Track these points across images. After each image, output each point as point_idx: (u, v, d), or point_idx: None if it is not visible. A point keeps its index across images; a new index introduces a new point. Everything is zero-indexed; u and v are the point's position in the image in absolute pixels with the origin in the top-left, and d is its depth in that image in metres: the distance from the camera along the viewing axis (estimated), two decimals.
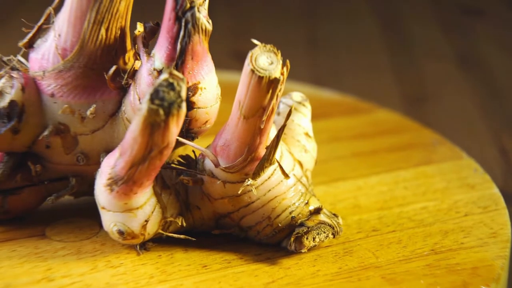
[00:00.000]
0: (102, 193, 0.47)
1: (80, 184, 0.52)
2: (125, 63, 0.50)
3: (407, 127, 0.71)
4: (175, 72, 0.42)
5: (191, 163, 0.50)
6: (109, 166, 0.46)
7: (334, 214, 0.51)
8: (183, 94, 0.42)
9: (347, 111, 0.74)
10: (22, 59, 0.52)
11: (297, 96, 0.54)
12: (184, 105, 0.42)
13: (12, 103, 0.49)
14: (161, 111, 0.42)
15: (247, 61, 0.44)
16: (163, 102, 0.42)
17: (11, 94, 0.49)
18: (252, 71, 0.44)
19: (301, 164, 0.51)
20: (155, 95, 0.42)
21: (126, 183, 0.46)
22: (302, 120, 0.53)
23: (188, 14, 0.46)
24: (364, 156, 0.65)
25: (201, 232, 0.51)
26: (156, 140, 0.43)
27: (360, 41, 1.45)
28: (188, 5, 0.46)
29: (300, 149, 0.52)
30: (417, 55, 1.39)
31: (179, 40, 0.46)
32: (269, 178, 0.49)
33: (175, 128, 0.43)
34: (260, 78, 0.44)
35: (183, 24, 0.46)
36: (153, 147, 0.43)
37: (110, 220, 0.48)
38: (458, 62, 1.37)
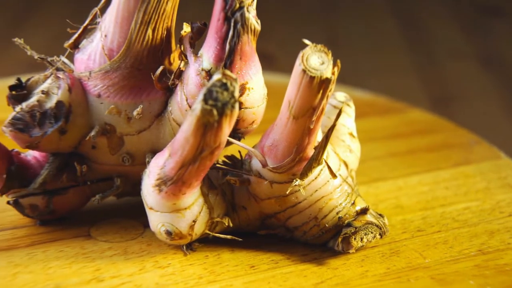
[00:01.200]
0: (150, 194, 0.47)
1: (125, 185, 0.52)
2: (170, 64, 0.50)
3: (441, 127, 0.71)
4: (228, 72, 0.42)
5: (237, 164, 0.50)
6: (158, 166, 0.46)
7: (380, 215, 0.50)
8: (237, 94, 0.42)
9: (380, 111, 0.74)
10: (66, 60, 0.52)
11: (341, 96, 0.54)
12: (237, 105, 0.42)
13: (59, 103, 0.49)
14: (215, 112, 0.41)
15: (298, 61, 0.44)
16: (217, 103, 0.41)
17: (58, 94, 0.49)
18: (304, 71, 0.43)
19: (346, 164, 0.51)
20: (208, 95, 0.42)
21: (175, 184, 0.46)
22: (347, 120, 0.53)
23: (238, 14, 0.46)
24: (401, 156, 0.65)
25: (247, 232, 0.51)
26: (208, 140, 0.43)
27: (380, 41, 1.44)
28: (238, 5, 0.46)
29: (345, 149, 0.52)
30: (439, 55, 1.39)
31: (228, 40, 0.46)
32: (316, 178, 0.48)
33: (227, 129, 0.43)
34: (312, 78, 0.43)
35: (232, 24, 0.46)
36: (204, 147, 0.43)
37: (158, 221, 0.48)
38: (480, 62, 1.36)
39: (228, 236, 0.49)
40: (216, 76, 0.42)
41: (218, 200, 0.49)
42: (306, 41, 0.44)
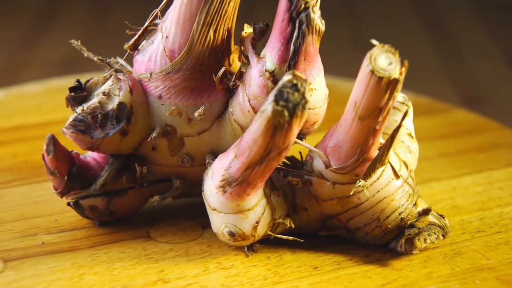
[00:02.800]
0: (214, 195, 0.47)
1: (183, 186, 0.52)
2: (229, 65, 0.50)
3: (487, 127, 0.70)
4: (298, 73, 0.42)
5: (297, 164, 0.50)
6: (223, 167, 0.46)
7: (441, 215, 0.50)
8: (307, 95, 0.42)
9: (424, 111, 0.74)
10: (123, 62, 0.53)
11: (399, 97, 0.54)
12: (307, 106, 0.42)
13: (121, 105, 0.49)
14: (286, 112, 0.41)
15: (366, 62, 0.44)
16: (288, 103, 0.41)
17: (120, 96, 0.49)
18: (372, 71, 0.43)
19: (406, 165, 0.51)
20: (279, 96, 0.41)
21: (240, 185, 0.46)
22: (406, 121, 0.53)
23: (303, 15, 0.46)
24: (451, 157, 0.64)
25: (306, 233, 0.51)
26: (277, 141, 0.43)
27: (405, 42, 1.44)
28: (303, 6, 0.45)
29: (405, 150, 0.52)
30: (465, 55, 1.38)
31: (293, 41, 0.46)
32: (378, 179, 0.48)
33: (296, 130, 0.43)
34: (380, 78, 0.43)
35: (297, 25, 0.46)
36: (272, 148, 0.43)
37: (221, 222, 0.48)
38: (507, 61, 1.36)
39: (290, 237, 0.49)
40: (287, 77, 0.42)
41: (280, 201, 0.49)
42: (374, 42, 0.44)
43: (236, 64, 0.51)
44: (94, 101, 0.49)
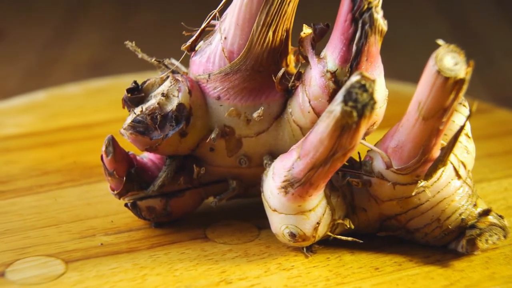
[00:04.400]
0: (275, 196, 0.47)
1: (239, 187, 0.52)
2: (287, 65, 0.50)
3: None
4: (366, 74, 0.42)
5: (355, 165, 0.50)
6: (285, 168, 0.46)
7: (500, 216, 0.50)
8: (375, 95, 0.42)
9: None
10: (177, 63, 0.53)
11: None
12: (376, 106, 0.42)
13: (180, 106, 0.49)
14: (354, 113, 0.41)
15: (431, 62, 0.43)
16: (357, 104, 0.41)
17: (179, 97, 0.49)
18: (438, 72, 0.43)
19: (464, 165, 0.51)
20: (348, 97, 0.41)
21: (302, 186, 0.46)
22: (463, 121, 0.52)
23: (366, 15, 0.45)
24: (499, 157, 0.64)
25: (364, 233, 0.50)
26: (343, 142, 0.43)
27: (431, 43, 1.44)
28: (366, 6, 0.45)
29: (462, 150, 0.51)
30: (494, 56, 1.38)
31: (355, 41, 0.46)
32: (438, 179, 0.48)
33: (364, 130, 0.43)
34: (446, 79, 0.43)
35: (360, 25, 0.46)
36: (338, 149, 0.43)
37: (281, 223, 0.48)
38: None
39: (349, 238, 0.49)
40: (355, 78, 0.42)
41: (339, 201, 0.49)
42: (440, 41, 0.44)
43: (292, 65, 0.51)
44: (152, 102, 0.49)
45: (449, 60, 0.43)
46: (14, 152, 0.63)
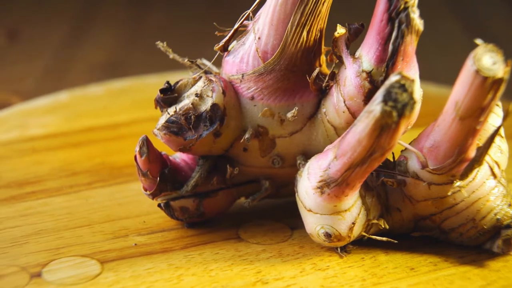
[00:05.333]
0: (310, 196, 0.47)
1: (272, 187, 0.52)
2: (320, 65, 0.50)
3: None
4: (405, 74, 0.42)
5: (389, 165, 0.50)
6: (321, 168, 0.46)
7: None
8: (415, 95, 0.42)
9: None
10: (208, 63, 0.53)
11: None
12: (416, 106, 0.42)
13: (214, 106, 0.49)
14: (394, 113, 0.41)
15: (470, 62, 0.43)
16: (397, 104, 0.41)
17: (213, 97, 0.49)
18: (477, 71, 0.43)
19: (498, 165, 0.51)
20: (388, 97, 0.41)
21: (339, 186, 0.46)
22: (496, 120, 0.52)
23: (402, 15, 0.45)
24: None
25: (397, 233, 0.50)
26: (382, 142, 0.43)
27: (444, 43, 1.43)
28: (403, 6, 0.45)
29: (496, 150, 0.51)
30: (509, 55, 1.37)
31: (392, 41, 0.46)
32: (473, 179, 0.48)
33: (403, 130, 0.43)
34: (485, 78, 0.43)
35: (396, 25, 0.46)
36: (376, 149, 0.43)
37: (316, 223, 0.48)
38: None
39: (384, 238, 0.49)
40: (394, 78, 0.42)
41: (374, 202, 0.49)
42: (478, 41, 0.44)
43: (325, 65, 0.51)
44: (186, 102, 0.49)
45: (488, 59, 0.43)
46: (41, 152, 0.63)
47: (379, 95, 0.42)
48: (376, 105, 0.42)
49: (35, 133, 0.67)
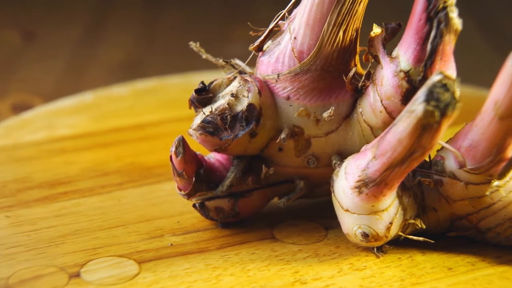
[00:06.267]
0: (347, 196, 0.47)
1: (306, 187, 0.52)
2: (355, 65, 0.50)
3: None
4: (447, 73, 0.42)
5: (424, 164, 0.50)
6: (359, 168, 0.46)
7: None
8: (457, 95, 0.41)
9: None
10: (242, 63, 0.53)
11: None
12: (458, 105, 0.42)
13: (250, 106, 0.49)
14: (437, 113, 0.41)
15: (510, 62, 0.43)
16: (439, 104, 0.41)
17: (249, 97, 0.49)
18: None
19: None
20: (430, 97, 0.41)
21: (377, 186, 0.46)
22: None
23: (441, 14, 0.45)
24: None
25: (433, 233, 0.50)
26: (423, 142, 0.43)
27: (458, 42, 1.43)
28: (441, 5, 0.45)
29: None
30: None
31: (430, 40, 0.46)
32: (511, 179, 0.48)
33: (444, 130, 0.42)
34: None
35: (435, 24, 0.46)
36: (417, 149, 0.43)
37: (353, 223, 0.48)
38: None
39: (421, 238, 0.49)
40: (436, 77, 0.42)
41: (411, 201, 0.49)
42: None
43: (359, 65, 0.51)
44: (222, 102, 0.49)
45: None
46: (70, 153, 0.63)
47: (421, 94, 0.41)
48: (418, 105, 0.41)
49: (63, 133, 0.67)
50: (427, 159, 0.50)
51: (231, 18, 1.50)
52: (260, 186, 0.52)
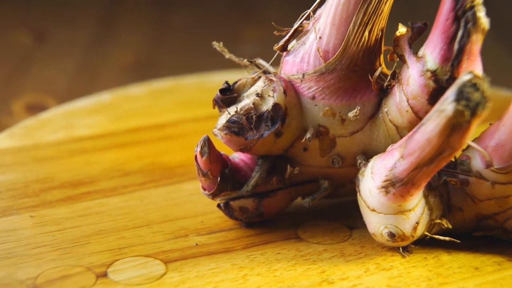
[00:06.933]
0: (374, 196, 0.47)
1: (330, 187, 0.52)
2: (379, 65, 0.50)
3: None
4: (477, 73, 0.42)
5: (450, 164, 0.50)
6: (386, 168, 0.46)
7: None
8: (487, 94, 0.41)
9: None
10: (265, 63, 0.52)
11: None
12: (488, 105, 0.41)
13: (276, 106, 0.49)
14: (467, 112, 0.41)
15: None
16: (469, 103, 0.41)
17: (275, 97, 0.49)
18: None
19: None
20: (460, 96, 0.41)
21: (405, 185, 0.45)
22: None
23: (469, 14, 0.45)
24: None
25: (458, 233, 0.50)
26: (452, 141, 0.42)
27: None
28: (469, 4, 0.45)
29: None
30: None
31: (457, 40, 0.46)
32: None
33: (474, 130, 0.42)
34: None
35: (462, 24, 0.45)
36: (445, 148, 0.43)
37: (380, 223, 0.48)
38: None
39: (447, 238, 0.49)
40: (466, 77, 0.41)
41: (437, 201, 0.49)
42: None
43: (384, 64, 0.51)
44: (247, 102, 0.49)
45: None
46: (91, 153, 0.63)
47: (451, 94, 0.41)
48: (448, 104, 0.41)
49: (82, 133, 0.67)
50: (453, 158, 0.50)
51: (241, 18, 1.50)
52: (284, 186, 0.52)
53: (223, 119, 0.50)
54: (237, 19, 1.53)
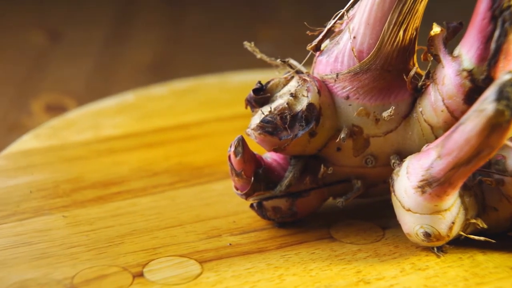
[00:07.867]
0: (410, 195, 0.47)
1: (363, 187, 0.52)
2: (413, 64, 0.50)
3: None
4: None
5: (485, 164, 0.50)
6: (423, 168, 0.46)
7: None
8: None
9: None
10: (296, 62, 0.52)
11: None
12: None
13: (310, 106, 0.49)
14: (507, 112, 0.41)
15: None
16: (509, 103, 0.41)
17: (309, 97, 0.49)
18: None
19: None
20: (500, 96, 0.41)
21: (441, 185, 0.45)
22: None
23: (506, 13, 0.45)
24: None
25: (493, 233, 0.50)
26: (491, 141, 0.42)
27: None
28: (506, 4, 0.45)
29: None
30: None
31: (494, 39, 0.46)
32: None
33: None
34: None
35: (499, 23, 0.45)
36: (484, 148, 0.43)
37: (415, 223, 0.47)
38: None
39: (482, 238, 0.49)
40: (506, 76, 0.41)
41: (472, 201, 0.49)
42: None
43: (417, 64, 0.51)
44: (281, 102, 0.49)
45: None
46: (119, 153, 0.63)
47: (490, 94, 0.41)
48: (488, 104, 0.41)
49: (109, 133, 0.67)
50: None
51: (256, 18, 1.50)
52: (318, 186, 0.52)
53: (256, 119, 0.50)
54: (250, 19, 1.53)
